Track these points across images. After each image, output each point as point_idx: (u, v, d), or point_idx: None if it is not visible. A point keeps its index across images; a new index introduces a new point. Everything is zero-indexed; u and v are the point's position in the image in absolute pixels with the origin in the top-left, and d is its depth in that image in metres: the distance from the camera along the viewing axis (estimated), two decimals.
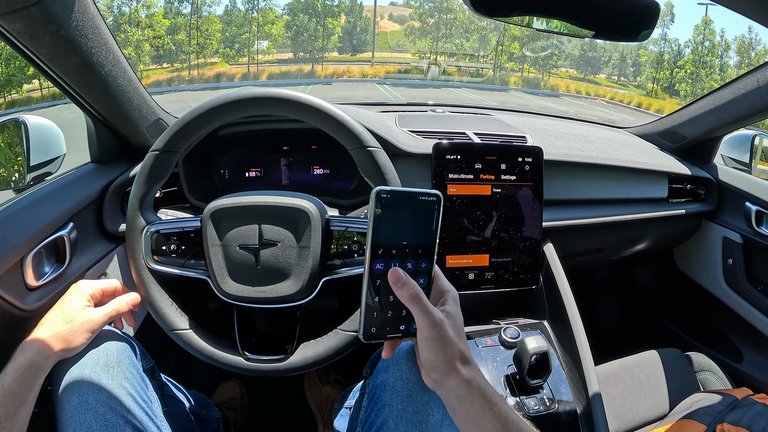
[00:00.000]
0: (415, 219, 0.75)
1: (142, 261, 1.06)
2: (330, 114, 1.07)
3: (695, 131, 1.89)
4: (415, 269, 0.76)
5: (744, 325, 1.86)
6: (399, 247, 0.75)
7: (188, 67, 36.17)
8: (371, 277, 0.75)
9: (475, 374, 0.75)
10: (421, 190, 0.75)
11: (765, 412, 1.22)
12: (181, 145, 1.08)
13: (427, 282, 0.78)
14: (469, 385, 0.73)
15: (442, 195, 0.75)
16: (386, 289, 0.76)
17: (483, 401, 0.73)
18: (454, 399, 0.75)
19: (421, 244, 0.76)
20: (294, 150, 1.59)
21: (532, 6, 0.98)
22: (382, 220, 0.73)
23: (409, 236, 0.75)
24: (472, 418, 0.73)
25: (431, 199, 0.75)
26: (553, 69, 46.89)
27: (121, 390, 0.95)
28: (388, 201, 0.73)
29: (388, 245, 0.74)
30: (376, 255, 0.74)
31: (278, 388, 2.06)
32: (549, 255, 1.50)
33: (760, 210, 1.77)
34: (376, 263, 0.74)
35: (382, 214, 0.73)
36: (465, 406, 0.74)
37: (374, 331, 0.77)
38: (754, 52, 38.70)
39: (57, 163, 1.36)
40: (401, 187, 0.75)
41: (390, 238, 0.74)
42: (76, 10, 0.95)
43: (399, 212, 0.74)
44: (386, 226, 0.74)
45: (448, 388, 0.75)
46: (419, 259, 0.76)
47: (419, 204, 0.75)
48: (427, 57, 43.72)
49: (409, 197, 0.74)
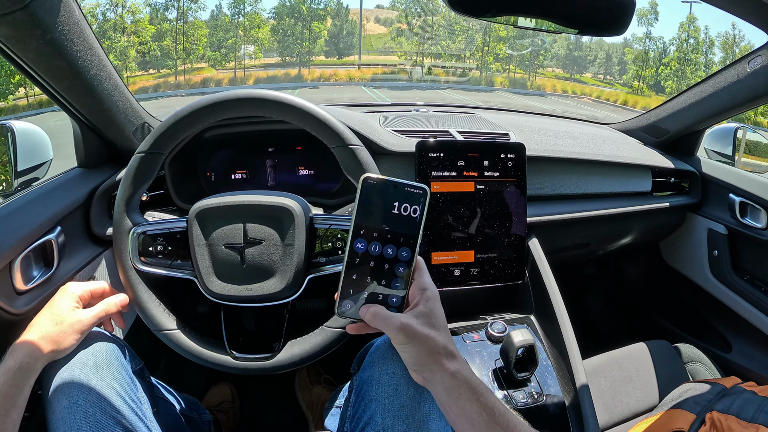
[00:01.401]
0: (400, 208, 0.77)
1: (129, 262, 1.07)
2: (311, 113, 1.08)
3: (678, 125, 1.91)
4: (395, 256, 0.79)
5: (731, 316, 1.88)
6: (381, 230, 0.77)
7: (175, 72, 36.03)
8: (351, 254, 0.78)
9: (460, 367, 0.77)
10: (408, 182, 0.77)
11: (754, 399, 1.23)
12: (167, 147, 1.08)
13: (407, 271, 0.80)
14: (455, 378, 0.75)
15: (428, 189, 0.77)
16: (364, 268, 0.79)
17: (469, 392, 0.75)
18: (441, 392, 0.76)
19: (403, 233, 0.78)
20: (279, 151, 1.60)
21: (510, 4, 1.00)
22: (368, 204, 0.76)
23: (391, 223, 0.78)
24: (460, 409, 0.75)
25: (417, 192, 0.77)
26: (539, 69, 47.00)
27: (111, 391, 0.95)
28: (375, 187, 0.76)
29: (370, 227, 0.77)
30: (358, 234, 0.77)
31: (269, 390, 2.06)
32: (534, 250, 1.51)
33: (743, 201, 1.79)
34: (356, 242, 0.78)
35: (368, 198, 0.76)
36: (453, 398, 0.75)
37: (348, 307, 0.80)
38: (738, 49, 38.92)
39: (44, 169, 1.36)
40: (389, 177, 0.77)
41: (373, 221, 0.77)
42: (61, 15, 0.96)
43: (384, 199, 0.77)
44: (371, 210, 0.77)
45: (434, 381, 0.77)
46: (400, 247, 0.78)
47: (405, 194, 0.77)
48: (414, 59, 43.71)
49: (395, 187, 0.77)
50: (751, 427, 1.13)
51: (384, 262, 0.79)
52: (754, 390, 1.28)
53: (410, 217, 0.78)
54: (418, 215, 0.78)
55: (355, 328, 0.86)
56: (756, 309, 1.77)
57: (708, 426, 1.18)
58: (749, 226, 1.77)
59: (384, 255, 0.79)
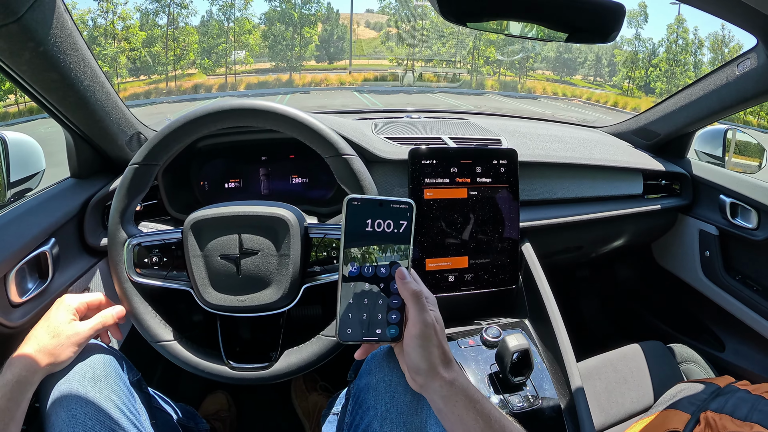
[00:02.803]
0: (387, 225, 0.77)
1: (124, 274, 1.07)
2: (305, 123, 1.08)
3: (668, 128, 1.92)
4: (389, 274, 0.79)
5: (724, 315, 1.89)
6: (371, 251, 0.77)
7: (166, 78, 35.89)
8: (344, 280, 0.78)
9: (457, 375, 0.78)
10: (393, 199, 0.77)
11: (747, 398, 1.23)
12: (161, 158, 1.09)
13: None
14: (452, 386, 0.77)
15: (414, 203, 0.77)
16: (360, 292, 0.79)
17: (466, 400, 0.76)
18: (438, 400, 0.77)
19: (394, 249, 0.79)
20: (272, 160, 1.60)
21: (500, 11, 1.00)
22: (355, 226, 0.76)
23: (381, 242, 0.78)
24: (457, 417, 0.76)
25: (403, 207, 0.77)
26: (529, 72, 47.03)
27: (109, 403, 0.95)
28: (360, 208, 0.76)
29: (361, 249, 0.77)
30: (348, 258, 0.77)
31: (265, 399, 2.05)
32: (527, 254, 1.51)
33: (734, 202, 1.81)
34: (348, 266, 0.77)
35: (354, 220, 0.76)
36: (449, 406, 0.76)
37: (350, 332, 0.80)
38: (727, 49, 39.14)
39: (37, 179, 1.35)
40: (373, 196, 0.78)
41: (362, 243, 0.77)
42: (54, 27, 0.96)
43: (371, 219, 0.77)
44: (358, 232, 0.77)
45: (432, 389, 0.77)
46: (393, 264, 0.79)
47: (391, 211, 0.77)
48: (404, 63, 43.72)
49: (381, 204, 0.77)
50: (746, 425, 1.14)
51: (378, 281, 0.80)
52: (748, 389, 1.29)
53: (399, 233, 0.78)
54: (406, 230, 0.79)
55: (362, 353, 0.87)
56: (748, 308, 1.78)
57: (703, 425, 1.19)
58: (740, 226, 1.79)
59: (378, 275, 0.79)
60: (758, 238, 1.73)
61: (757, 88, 1.48)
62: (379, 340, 0.81)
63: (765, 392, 1.24)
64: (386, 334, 0.81)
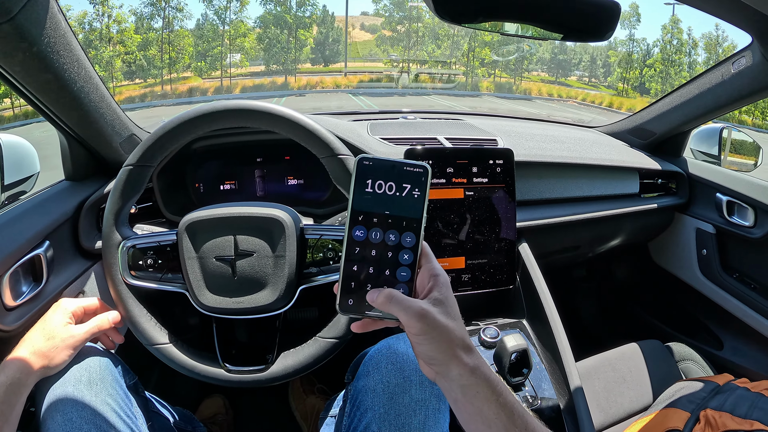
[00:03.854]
0: (399, 190, 0.72)
1: (119, 276, 1.06)
2: (300, 123, 1.07)
3: (664, 127, 1.93)
4: (398, 242, 0.72)
5: (722, 313, 1.90)
6: (381, 216, 0.72)
7: (161, 82, 35.82)
8: (350, 244, 0.72)
9: (479, 362, 0.70)
10: (406, 161, 0.72)
11: (747, 396, 1.23)
12: (155, 160, 1.08)
13: (413, 259, 0.73)
14: (474, 374, 0.68)
15: (429, 167, 0.72)
16: (365, 258, 0.73)
17: (488, 391, 0.68)
18: (457, 389, 0.69)
19: (405, 217, 0.72)
20: (268, 161, 1.60)
21: (496, 11, 1.00)
22: (365, 187, 0.71)
23: (392, 207, 0.72)
24: (476, 408, 0.68)
25: (417, 171, 0.72)
26: (524, 73, 47.06)
27: (106, 407, 0.94)
28: (371, 168, 0.71)
29: (369, 212, 0.72)
30: (356, 221, 0.72)
31: (263, 401, 2.04)
32: (524, 254, 1.52)
33: (730, 200, 1.81)
34: (355, 230, 0.72)
35: (365, 181, 0.71)
36: (469, 396, 0.68)
37: (351, 303, 0.73)
38: (721, 49, 39.29)
39: (31, 182, 1.35)
40: (386, 157, 0.73)
41: (371, 206, 0.72)
42: (48, 27, 0.95)
43: (383, 182, 0.71)
44: (368, 194, 0.71)
45: (450, 378, 0.69)
46: (403, 232, 0.72)
47: (405, 174, 0.72)
48: (399, 65, 43.74)
49: (393, 167, 0.71)
50: (746, 423, 1.14)
51: (387, 249, 0.72)
52: (747, 386, 1.29)
53: (412, 198, 0.72)
54: (419, 196, 0.72)
55: (360, 326, 0.77)
56: (746, 306, 1.79)
57: (702, 424, 1.19)
58: (737, 224, 1.79)
59: (386, 242, 0.72)
60: (755, 236, 1.74)
61: (753, 85, 1.49)
62: (383, 317, 0.73)
63: (764, 389, 1.25)
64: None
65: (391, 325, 0.74)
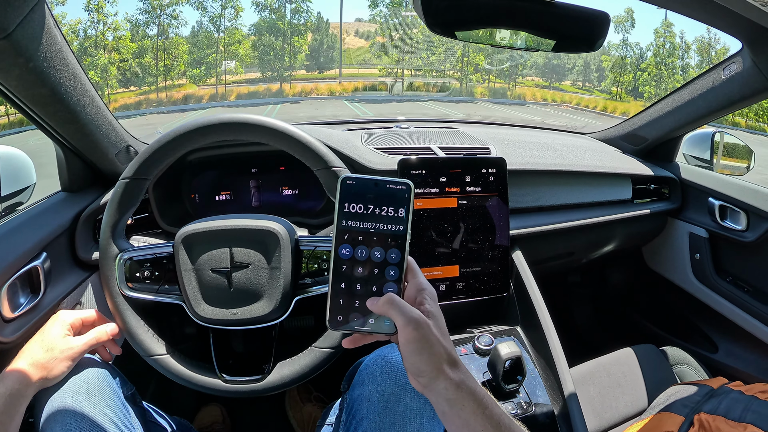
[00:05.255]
0: (383, 208, 0.73)
1: (116, 288, 1.07)
2: (293, 137, 1.09)
3: (656, 133, 1.94)
4: (384, 259, 0.74)
5: (716, 317, 1.91)
6: (365, 233, 0.73)
7: (156, 89, 35.75)
8: (336, 262, 0.74)
9: (464, 377, 0.72)
10: (389, 179, 0.73)
11: (741, 399, 1.24)
12: (151, 172, 1.09)
13: (399, 274, 0.75)
14: (459, 389, 0.70)
15: (412, 184, 0.73)
16: (352, 275, 0.74)
17: (474, 404, 0.70)
18: (443, 403, 0.71)
19: (390, 234, 0.74)
20: (263, 172, 1.61)
21: (486, 23, 1.01)
22: (349, 206, 0.73)
23: (376, 224, 0.73)
24: (463, 421, 0.70)
25: (400, 188, 0.73)
26: (518, 78, 47.07)
27: (104, 418, 0.95)
28: (354, 188, 0.72)
29: (354, 230, 0.73)
30: (342, 240, 0.73)
31: (260, 410, 2.04)
32: (518, 262, 1.52)
33: (723, 204, 1.83)
34: (341, 248, 0.73)
35: (349, 199, 0.72)
36: (455, 409, 0.70)
37: (341, 319, 0.75)
38: (714, 52, 39.42)
39: (28, 193, 1.35)
40: (369, 176, 0.74)
41: (356, 224, 0.73)
42: (44, 42, 0.96)
43: (366, 199, 0.73)
44: (353, 212, 0.73)
45: (437, 391, 0.71)
46: (389, 248, 0.74)
47: (388, 192, 0.73)
48: (394, 72, 43.68)
49: (376, 185, 0.73)
50: (740, 426, 1.14)
51: (373, 266, 0.74)
52: (741, 389, 1.29)
53: (395, 215, 0.73)
54: (404, 213, 0.74)
55: (351, 342, 0.79)
56: (740, 309, 1.80)
57: (697, 427, 1.19)
58: (730, 228, 1.81)
59: (372, 259, 0.74)
60: (748, 240, 1.75)
61: (743, 91, 1.50)
62: (372, 331, 0.75)
63: (758, 392, 1.25)
64: (380, 325, 0.75)
65: (382, 338, 0.77)
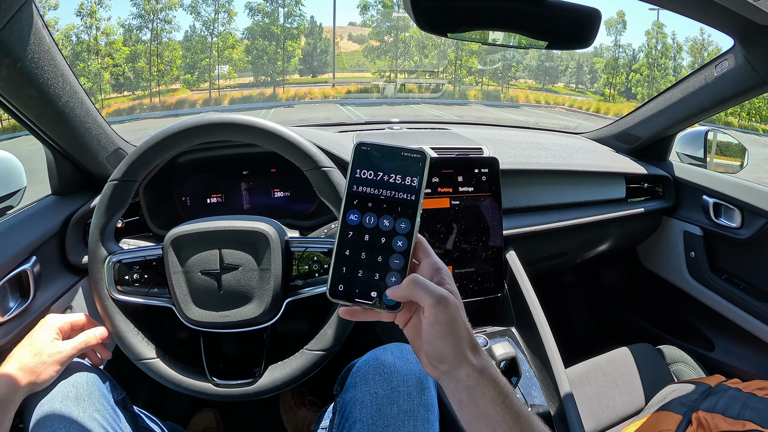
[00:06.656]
0: (396, 176, 0.71)
1: (105, 292, 1.06)
2: (283, 136, 1.08)
3: (649, 131, 1.94)
4: (393, 228, 0.71)
5: (712, 315, 1.91)
6: (375, 199, 0.70)
7: (149, 94, 35.68)
8: (343, 228, 0.71)
9: (486, 363, 0.67)
10: (405, 147, 0.71)
11: (739, 396, 1.23)
12: (140, 174, 1.08)
13: (407, 246, 0.71)
14: (482, 375, 0.66)
15: (428, 154, 0.71)
16: (359, 243, 0.71)
17: (495, 392, 0.66)
18: (462, 390, 0.66)
19: (400, 202, 0.71)
20: (254, 174, 1.60)
21: (477, 21, 1.01)
22: (361, 172, 0.71)
23: (387, 191, 0.71)
24: (481, 410, 0.66)
25: (415, 156, 0.71)
26: (511, 80, 47.09)
27: (93, 422, 0.94)
28: (368, 153, 0.71)
29: (364, 196, 0.71)
30: (351, 205, 0.71)
31: (254, 415, 2.03)
32: (512, 262, 1.52)
33: (717, 202, 1.82)
34: (349, 214, 0.71)
35: (362, 165, 0.71)
36: (474, 397, 0.66)
37: (341, 288, 0.71)
38: (707, 53, 39.59)
39: (18, 197, 1.34)
40: (384, 143, 0.72)
41: (367, 189, 0.71)
42: (32, 43, 0.95)
43: (379, 167, 0.71)
44: (365, 178, 0.71)
45: (456, 378, 0.66)
46: (398, 217, 0.71)
47: (402, 160, 0.71)
48: (387, 75, 43.72)
49: (391, 152, 0.71)
50: (738, 423, 1.14)
51: (380, 235, 0.71)
52: (739, 387, 1.29)
53: (408, 185, 0.71)
54: (416, 183, 0.71)
55: (349, 313, 0.73)
56: (735, 306, 1.80)
57: (695, 426, 1.19)
58: (724, 226, 1.80)
59: (380, 227, 0.70)
60: (742, 237, 1.75)
61: (736, 88, 1.50)
62: (373, 305, 0.71)
63: (756, 389, 1.25)
64: (383, 301, 0.71)
65: (384, 318, 0.73)
